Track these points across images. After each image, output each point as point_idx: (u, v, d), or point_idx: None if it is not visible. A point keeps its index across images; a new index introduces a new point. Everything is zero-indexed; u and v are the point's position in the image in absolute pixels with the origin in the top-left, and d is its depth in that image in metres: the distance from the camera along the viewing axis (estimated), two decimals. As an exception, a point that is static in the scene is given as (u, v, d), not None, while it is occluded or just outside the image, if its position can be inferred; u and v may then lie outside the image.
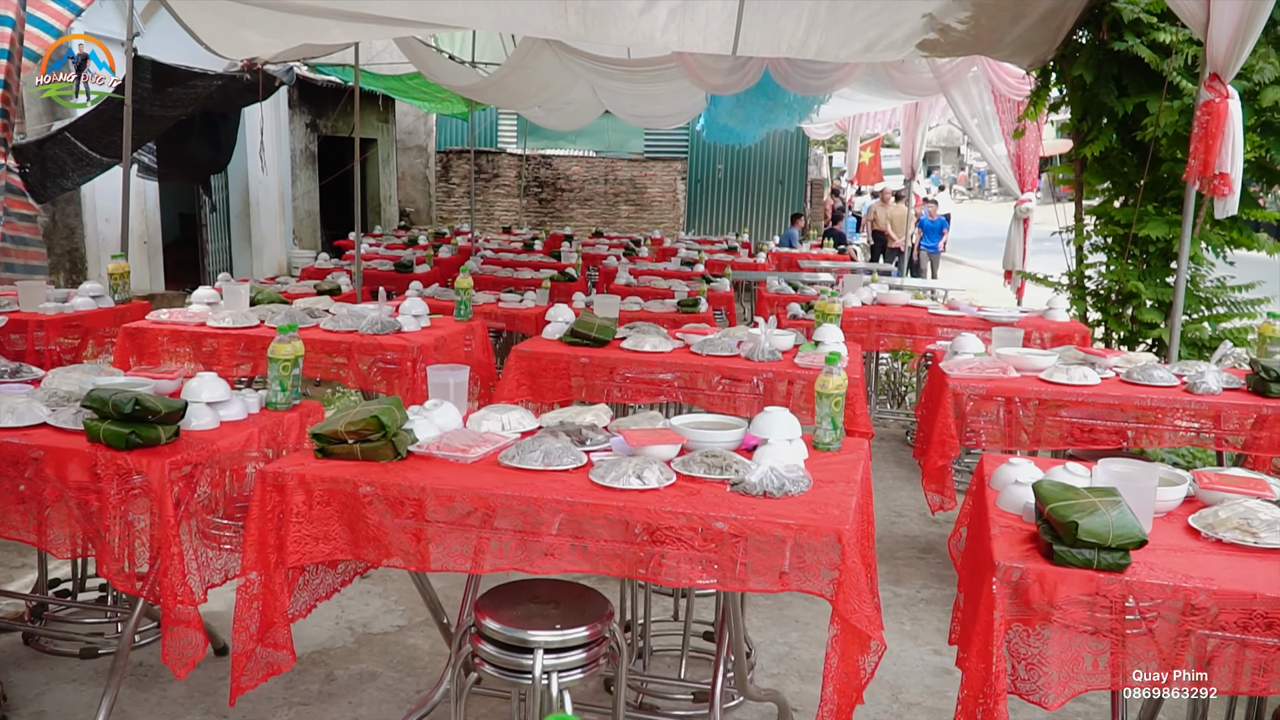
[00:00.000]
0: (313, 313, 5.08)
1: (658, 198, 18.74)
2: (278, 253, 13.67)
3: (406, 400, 4.71)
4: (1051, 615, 2.25)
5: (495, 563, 2.59)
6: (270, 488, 2.70)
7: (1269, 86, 5.89)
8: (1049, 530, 2.31)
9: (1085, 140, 6.90)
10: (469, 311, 5.44)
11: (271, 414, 3.34)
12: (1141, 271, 6.72)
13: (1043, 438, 4.23)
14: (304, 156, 14.44)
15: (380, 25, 7.73)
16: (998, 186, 46.82)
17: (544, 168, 18.73)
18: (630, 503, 2.51)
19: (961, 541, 3.17)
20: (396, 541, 2.65)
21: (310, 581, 2.88)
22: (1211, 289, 6.87)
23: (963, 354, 4.51)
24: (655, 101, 11.62)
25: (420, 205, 18.31)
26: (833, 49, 7.08)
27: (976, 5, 6.40)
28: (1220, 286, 6.90)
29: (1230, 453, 4.52)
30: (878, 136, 18.23)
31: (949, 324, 6.17)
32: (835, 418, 3.01)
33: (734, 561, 2.46)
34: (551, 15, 6.59)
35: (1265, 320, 4.66)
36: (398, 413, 2.85)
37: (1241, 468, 4.38)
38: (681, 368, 4.45)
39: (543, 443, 2.80)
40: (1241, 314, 6.81)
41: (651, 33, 6.71)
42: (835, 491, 2.62)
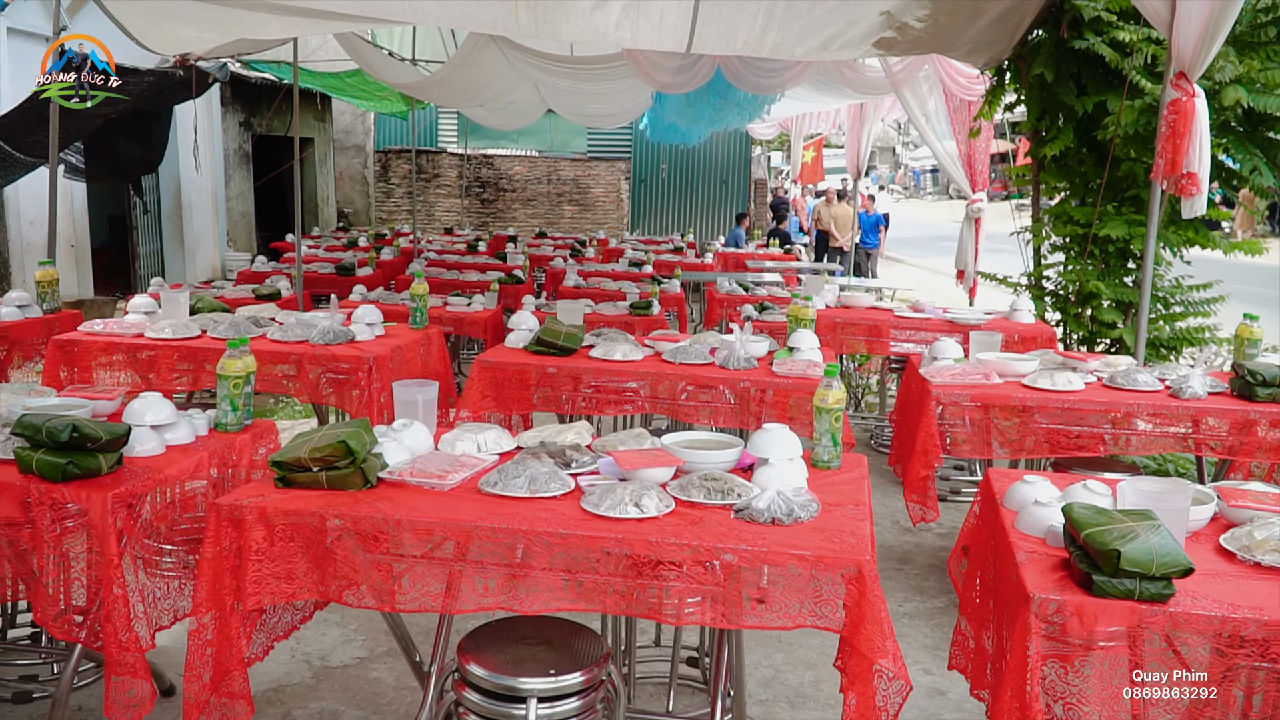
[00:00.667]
0: (258, 322, 4.78)
1: (601, 198, 18.51)
2: (211, 256, 13.19)
3: (359, 414, 4.47)
4: (1091, 651, 2.09)
5: (480, 601, 2.37)
6: (226, 522, 2.44)
7: (1228, 86, 5.87)
8: (1084, 558, 2.15)
9: (1044, 140, 6.85)
10: (425, 319, 5.18)
11: (222, 436, 3.07)
12: (1101, 271, 6.68)
13: (1027, 446, 4.10)
14: (238, 156, 13.97)
15: (321, 20, 7.41)
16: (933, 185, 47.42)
17: (486, 167, 18.39)
18: (629, 534, 2.30)
19: (964, 563, 3.02)
20: (369, 580, 2.41)
21: (268, 621, 2.62)
22: (1169, 289, 6.87)
23: (942, 359, 4.38)
24: (601, 100, 11.42)
25: (359, 206, 17.86)
26: (789, 46, 6.95)
27: (934, 2, 6.30)
28: (1177, 286, 6.90)
29: (1209, 458, 4.45)
30: (820, 136, 18.23)
31: (916, 326, 6.05)
32: (836, 434, 2.83)
33: (742, 596, 2.26)
34: (501, 10, 6.36)
35: (1243, 322, 4.58)
36: (366, 436, 2.60)
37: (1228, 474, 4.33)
38: (654, 377, 4.24)
39: (526, 467, 2.58)
40: (1197, 313, 6.81)
41: (604, 29, 6.51)
42: (846, 516, 2.44)
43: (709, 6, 6.31)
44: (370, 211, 18.00)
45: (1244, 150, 6.16)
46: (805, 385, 4.13)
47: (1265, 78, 5.95)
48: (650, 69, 8.71)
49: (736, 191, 18.78)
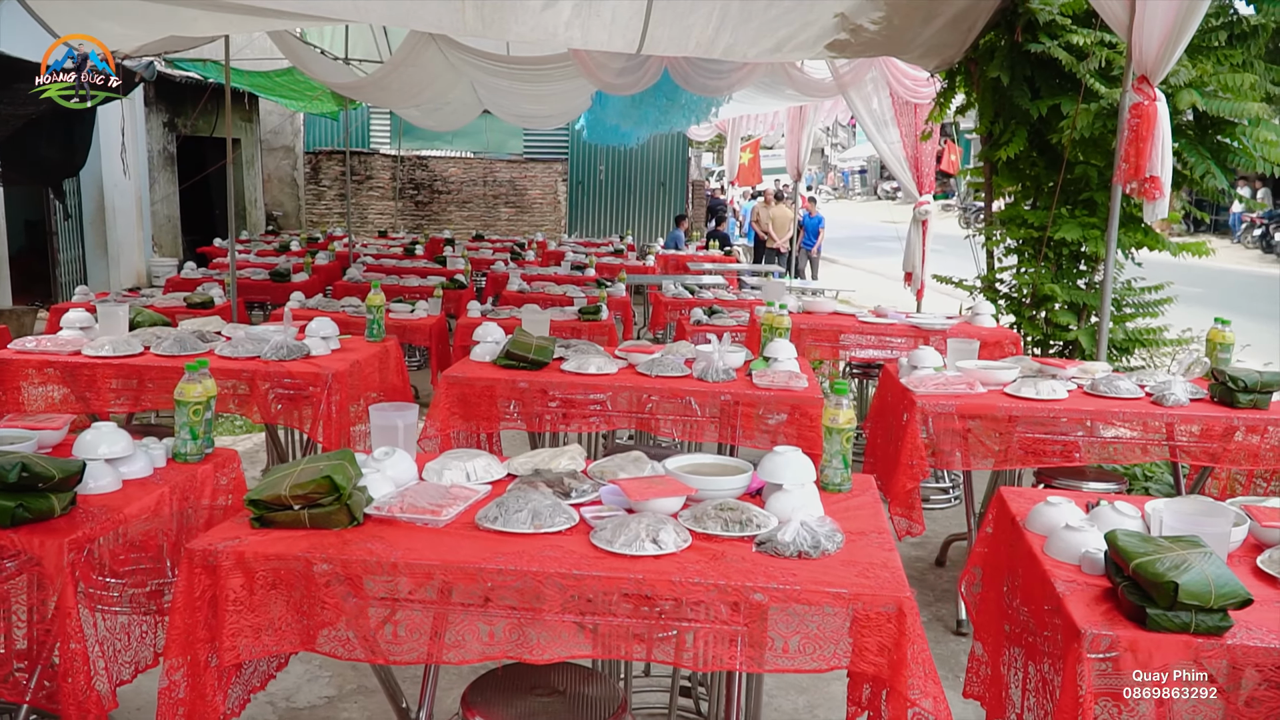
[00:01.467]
0: (205, 336, 4.50)
1: (538, 200, 18.25)
2: (136, 262, 12.66)
3: (317, 435, 4.22)
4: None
5: (485, 651, 2.17)
6: (199, 569, 2.21)
7: (1182, 89, 5.89)
8: (1134, 589, 2.04)
9: (998, 143, 6.83)
10: (382, 331, 4.93)
11: (181, 467, 2.82)
12: (1055, 274, 6.68)
13: (1011, 456, 4.02)
14: (162, 158, 13.44)
15: (256, 17, 7.11)
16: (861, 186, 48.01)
17: (420, 169, 18.01)
18: (649, 573, 2.13)
19: (977, 585, 2.91)
20: (361, 629, 2.20)
21: (244, 672, 2.39)
22: (1120, 290, 6.90)
23: (923, 368, 4.28)
24: (540, 101, 11.23)
25: (288, 209, 17.36)
26: (742, 48, 6.85)
27: (889, 5, 6.26)
28: (1129, 288, 6.94)
29: (1185, 465, 4.43)
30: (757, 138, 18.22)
31: (881, 332, 5.97)
32: (846, 455, 2.70)
33: (771, 638, 2.11)
34: (447, 9, 6.16)
35: (1214, 327, 4.57)
36: (351, 469, 2.39)
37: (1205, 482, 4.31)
38: (631, 390, 4.07)
39: (526, 499, 2.39)
40: (1147, 314, 6.86)
41: (554, 29, 6.34)
42: (873, 547, 2.30)
43: (662, 7, 6.18)
44: (300, 214, 17.51)
45: (1196, 153, 6.20)
46: (789, 398, 4.00)
47: (1216, 82, 5.99)
48: (596, 69, 8.55)
49: (674, 193, 18.68)
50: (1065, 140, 6.27)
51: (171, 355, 4.25)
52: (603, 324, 6.84)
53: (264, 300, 9.82)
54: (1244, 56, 6.11)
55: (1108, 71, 6.23)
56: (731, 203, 22.62)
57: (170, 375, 4.17)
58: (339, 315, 6.28)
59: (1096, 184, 6.57)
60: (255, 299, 9.67)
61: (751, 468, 2.65)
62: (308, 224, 17.39)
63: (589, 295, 8.18)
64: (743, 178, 19.00)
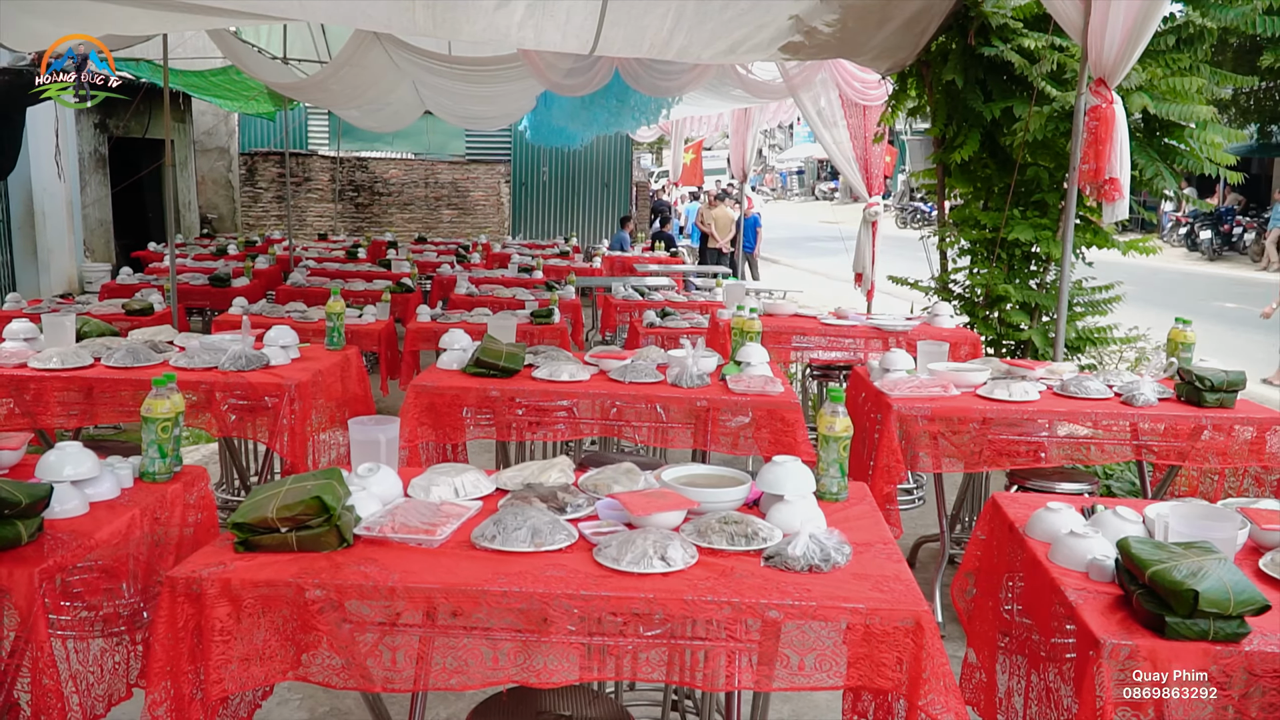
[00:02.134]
0: (157, 347, 4.32)
1: (481, 201, 18.05)
2: (67, 267, 12.24)
3: (278, 448, 4.08)
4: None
5: (489, 676, 2.09)
6: (183, 598, 2.09)
7: (1133, 92, 5.98)
8: (1150, 597, 2.02)
9: (952, 146, 6.88)
10: (342, 339, 4.79)
11: (150, 487, 2.68)
12: (1007, 274, 6.76)
13: (984, 458, 4.03)
14: (94, 160, 13.02)
15: (197, 16, 6.90)
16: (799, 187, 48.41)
17: (359, 170, 17.69)
18: (660, 591, 2.06)
19: (971, 591, 2.89)
20: (355, 657, 2.10)
21: (231, 703, 2.27)
22: (1070, 290, 6.99)
23: (895, 371, 4.27)
24: (486, 102, 11.10)
25: (223, 211, 16.94)
26: (696, 49, 6.82)
27: (844, 7, 6.26)
28: (1078, 287, 7.04)
29: (1149, 464, 4.49)
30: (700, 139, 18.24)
31: (844, 334, 5.96)
32: (843, 464, 2.66)
33: (787, 656, 2.05)
34: (397, 9, 6.03)
35: (1175, 327, 4.63)
36: (340, 487, 2.29)
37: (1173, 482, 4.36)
38: (606, 398, 4.00)
39: (524, 516, 2.31)
40: (1096, 313, 6.96)
41: (507, 29, 6.24)
42: (881, 558, 2.26)
43: (617, 7, 6.11)
44: (236, 217, 17.10)
45: (1145, 155, 6.31)
46: (765, 402, 3.96)
47: (1165, 85, 6.10)
48: (546, 69, 8.45)
49: (618, 194, 18.61)
50: (1017, 143, 6.34)
51: (124, 367, 4.07)
52: (555, 327, 6.78)
53: (204, 306, 9.56)
54: (1191, 60, 6.23)
55: (1059, 75, 6.31)
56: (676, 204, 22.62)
57: (123, 388, 4.00)
58: (285, 321, 6.12)
59: (1047, 185, 6.66)
60: (195, 305, 9.40)
61: (750, 478, 2.60)
62: (244, 227, 16.99)
63: (539, 298, 8.09)
64: (685, 178, 19.02)
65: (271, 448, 4.12)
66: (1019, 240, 6.57)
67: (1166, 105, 6.10)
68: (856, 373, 4.63)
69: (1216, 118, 6.22)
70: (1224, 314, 14.31)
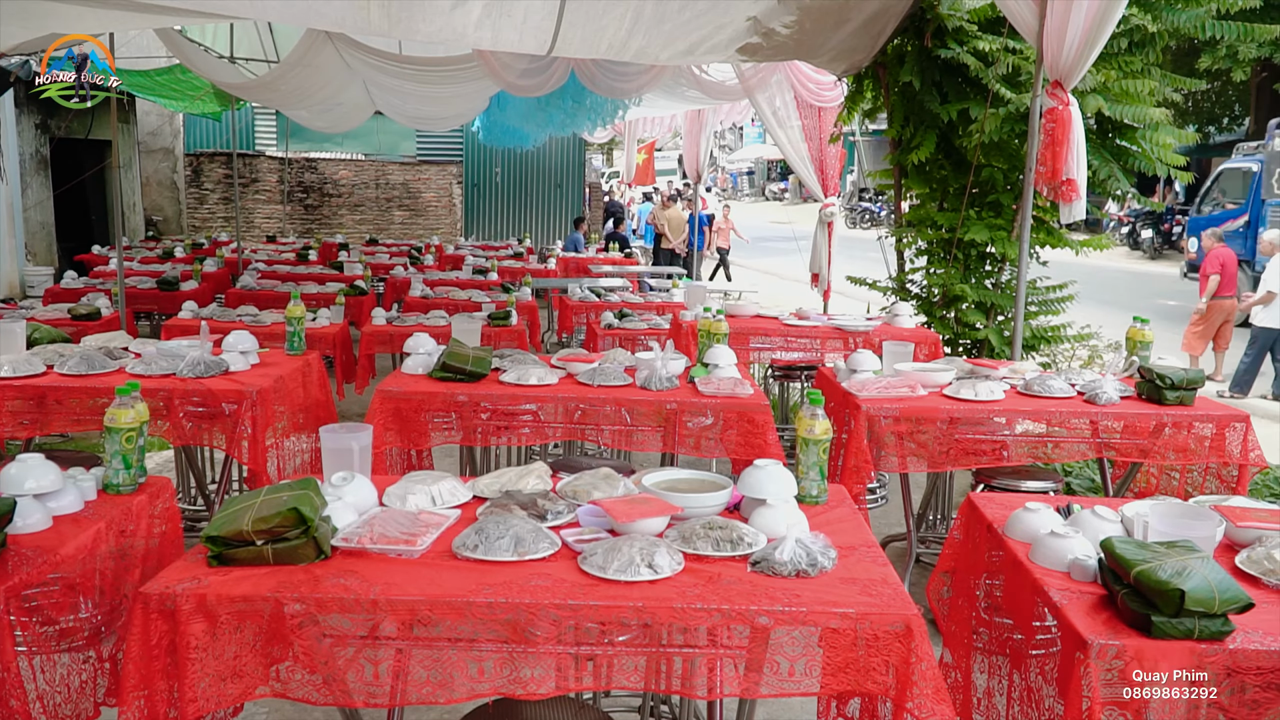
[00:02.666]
0: (112, 353, 4.20)
1: (433, 202, 17.88)
2: (9, 271, 11.92)
3: (240, 456, 3.99)
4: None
5: (473, 688, 2.05)
6: (156, 614, 2.03)
7: (1088, 94, 6.07)
8: (1136, 597, 2.03)
9: (909, 147, 6.94)
10: (303, 343, 4.70)
11: (115, 499, 2.60)
12: (963, 274, 6.83)
13: (951, 457, 4.05)
14: (35, 162, 12.68)
15: (146, 15, 6.75)
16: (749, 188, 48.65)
17: (308, 171, 17.44)
18: (648, 599, 2.03)
19: (946, 591, 2.90)
20: (334, 672, 2.05)
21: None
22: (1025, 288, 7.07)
23: (862, 372, 4.28)
24: (438, 103, 11.01)
25: (169, 213, 16.60)
26: (654, 51, 6.81)
27: (801, 9, 6.29)
28: (1032, 287, 7.13)
29: (1110, 462, 4.55)
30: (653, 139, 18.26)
31: (806, 334, 5.98)
32: (823, 466, 2.65)
33: (776, 662, 2.04)
34: (351, 8, 5.94)
35: (1133, 325, 4.70)
36: (316, 498, 2.23)
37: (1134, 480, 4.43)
38: (575, 402, 3.96)
39: (506, 524, 2.27)
40: (1050, 311, 7.06)
41: (464, 29, 6.18)
42: (867, 561, 2.25)
43: (574, 8, 6.08)
44: (182, 219, 16.77)
45: (1100, 157, 6.41)
46: (735, 405, 3.95)
47: (1119, 87, 6.19)
48: (501, 70, 8.40)
49: (571, 195, 18.54)
50: (973, 144, 6.40)
51: (78, 375, 3.96)
52: (514, 329, 6.73)
53: (152, 310, 9.37)
54: (1143, 63, 6.34)
55: (1013, 77, 6.38)
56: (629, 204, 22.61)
57: (79, 396, 3.89)
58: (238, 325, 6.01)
59: (1002, 186, 6.74)
60: (143, 309, 9.21)
61: (730, 482, 2.58)
62: (190, 229, 16.67)
63: (496, 300, 8.03)
64: (637, 178, 19.04)
65: (231, 455, 4.03)
66: (975, 241, 6.63)
67: (1120, 107, 6.20)
68: (823, 373, 4.64)
69: (1168, 119, 6.33)
70: (1165, 310, 14.64)
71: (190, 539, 4.00)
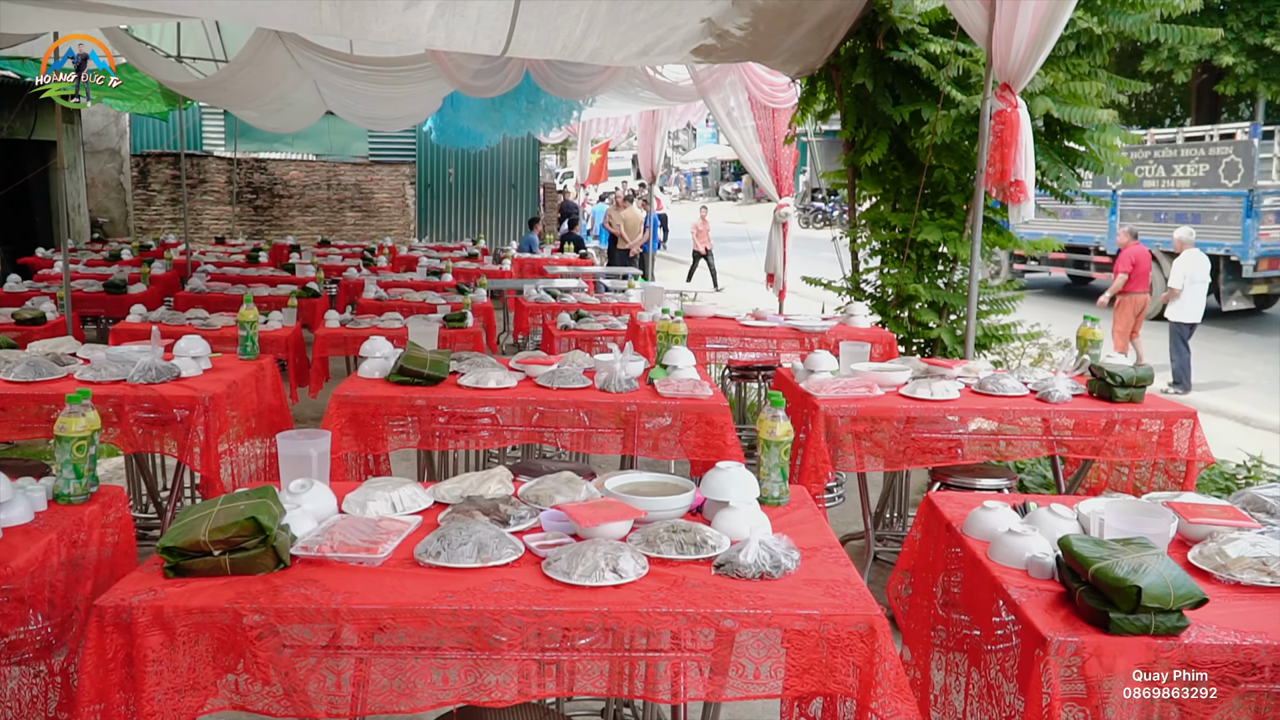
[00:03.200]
0: (59, 359, 4.11)
1: (386, 203, 17.71)
2: (-53, 275, 11.60)
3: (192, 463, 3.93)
4: (1110, 692, 2.01)
5: (438, 697, 2.03)
6: (111, 628, 1.99)
7: (1037, 96, 6.16)
8: (1093, 594, 2.07)
9: (862, 148, 7.00)
10: (256, 348, 4.63)
11: (66, 510, 2.55)
12: (916, 274, 6.90)
13: (908, 456, 4.09)
14: (-26, 162, 12.39)
15: (93, 13, 6.62)
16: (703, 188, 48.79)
17: (258, 172, 17.19)
18: (614, 604, 2.03)
19: (906, 589, 2.93)
20: (296, 684, 2.02)
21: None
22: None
23: (820, 372, 4.31)
24: (391, 103, 10.91)
25: (115, 215, 16.29)
26: (609, 52, 6.81)
27: (755, 11, 6.33)
28: (983, 286, 7.22)
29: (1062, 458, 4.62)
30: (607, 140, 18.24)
31: (763, 335, 6.00)
32: (784, 468, 2.66)
33: (742, 665, 2.05)
34: (303, 7, 5.88)
35: (1084, 324, 4.78)
36: (275, 506, 2.20)
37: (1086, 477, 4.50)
38: (535, 405, 3.95)
39: (468, 530, 2.25)
40: (999, 310, 7.16)
41: (417, 29, 6.14)
42: (830, 562, 2.27)
43: (529, 8, 6.07)
44: (128, 221, 16.46)
45: (1048, 158, 6.51)
46: (695, 406, 3.96)
47: (1066, 89, 6.29)
48: (455, 70, 8.35)
49: (526, 196, 18.46)
50: (925, 145, 6.48)
51: (25, 381, 3.87)
52: (469, 331, 6.69)
53: (99, 314, 9.20)
54: (1089, 66, 6.45)
55: (964, 80, 6.46)
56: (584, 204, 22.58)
57: (25, 403, 3.80)
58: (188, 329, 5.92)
59: (953, 187, 6.82)
60: (90, 313, 9.03)
61: (693, 485, 2.59)
62: (137, 231, 16.37)
63: (451, 302, 7.98)
64: (591, 178, 19.03)
65: (184, 462, 3.97)
66: (927, 241, 6.70)
67: (1068, 109, 6.30)
68: (780, 374, 4.66)
69: (1114, 120, 6.45)
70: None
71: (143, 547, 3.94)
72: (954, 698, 2.61)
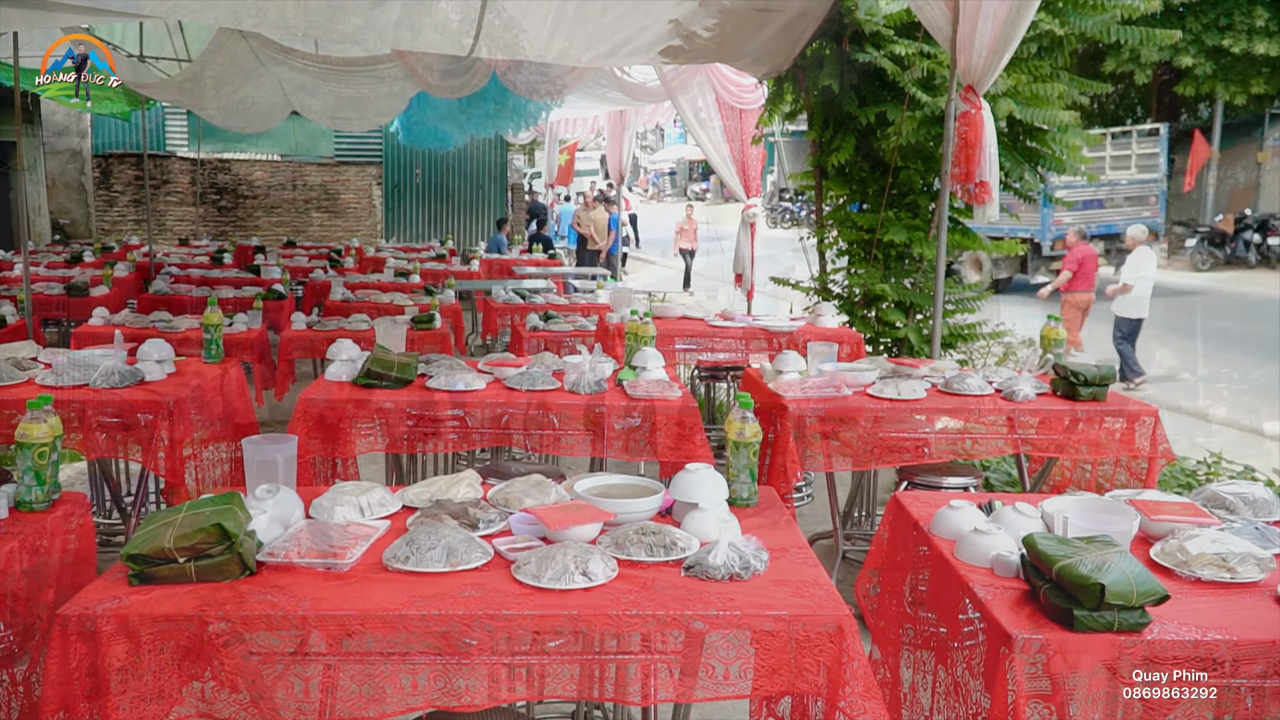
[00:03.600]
0: (20, 364, 4.05)
1: (352, 204, 17.59)
2: (-97, 278, 11.40)
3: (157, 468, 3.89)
4: (1075, 689, 2.04)
5: (407, 702, 2.03)
6: (75, 637, 1.97)
7: (1000, 98, 6.22)
8: (1057, 592, 2.09)
9: (829, 149, 7.04)
10: (221, 351, 4.58)
11: (28, 517, 2.51)
12: (883, 274, 6.95)
13: (875, 455, 4.12)
14: (-70, 163, 12.18)
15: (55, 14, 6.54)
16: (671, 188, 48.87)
17: (222, 173, 17.02)
18: (584, 608, 2.03)
19: (874, 588, 2.95)
20: (263, 691, 2.01)
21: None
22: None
23: (788, 372, 4.33)
24: (357, 103, 10.83)
25: (77, 216, 16.07)
26: (576, 52, 6.80)
27: (722, 13, 6.35)
28: (949, 285, 7.28)
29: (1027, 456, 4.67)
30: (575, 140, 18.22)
31: (732, 335, 6.02)
32: (754, 469, 2.68)
33: (712, 666, 2.05)
34: (266, 6, 5.81)
35: (1047, 324, 4.84)
36: (240, 512, 2.19)
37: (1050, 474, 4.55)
38: (504, 407, 3.94)
39: (436, 534, 2.25)
40: (964, 310, 7.23)
41: (383, 29, 6.11)
42: (798, 563, 2.28)
43: (496, 9, 6.05)
44: (90, 222, 16.24)
45: (1011, 159, 6.58)
46: (664, 407, 3.96)
47: (1029, 91, 6.36)
48: (422, 71, 8.32)
49: (493, 196, 18.40)
50: (890, 147, 6.53)
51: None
52: (438, 332, 6.66)
53: (61, 317, 9.06)
54: (1052, 67, 6.53)
55: (929, 81, 6.51)
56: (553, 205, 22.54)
57: (-16, 409, 3.74)
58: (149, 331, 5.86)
59: (919, 188, 6.88)
60: (51, 316, 8.90)
61: (662, 487, 2.59)
62: (99, 232, 16.16)
63: (419, 303, 7.93)
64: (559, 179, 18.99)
65: (148, 467, 3.92)
66: (894, 241, 6.75)
67: (1031, 110, 6.37)
68: (749, 374, 4.68)
69: (1077, 122, 6.52)
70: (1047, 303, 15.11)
71: (106, 553, 3.90)
72: (921, 695, 2.63)
